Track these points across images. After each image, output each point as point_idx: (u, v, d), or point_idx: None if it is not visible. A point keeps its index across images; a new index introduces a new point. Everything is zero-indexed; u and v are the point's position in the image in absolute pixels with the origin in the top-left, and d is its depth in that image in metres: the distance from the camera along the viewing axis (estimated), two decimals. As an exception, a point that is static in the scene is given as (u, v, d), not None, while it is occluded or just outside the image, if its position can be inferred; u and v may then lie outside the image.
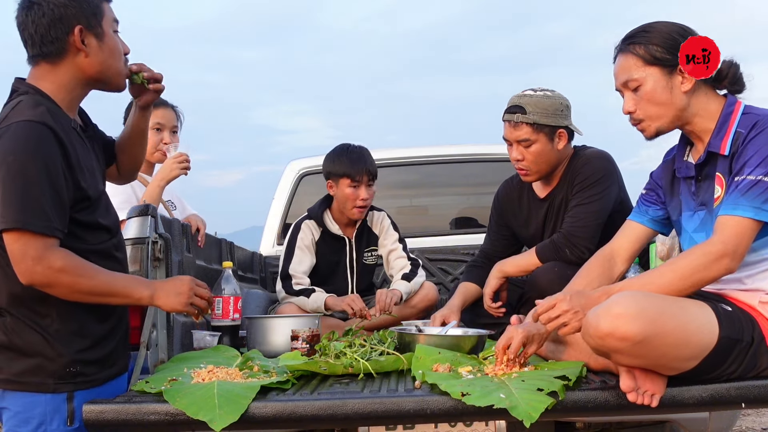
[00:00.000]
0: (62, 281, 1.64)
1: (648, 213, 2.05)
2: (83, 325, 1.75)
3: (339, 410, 1.68)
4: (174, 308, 1.82)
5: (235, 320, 2.53)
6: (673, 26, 1.85)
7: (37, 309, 1.70)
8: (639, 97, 1.84)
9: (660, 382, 1.66)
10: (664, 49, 1.80)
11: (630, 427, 2.18)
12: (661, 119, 1.84)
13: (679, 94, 1.81)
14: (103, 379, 1.79)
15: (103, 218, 1.83)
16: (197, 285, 1.85)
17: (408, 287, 3.01)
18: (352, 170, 3.01)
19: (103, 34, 1.77)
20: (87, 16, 1.74)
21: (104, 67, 1.78)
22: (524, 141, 2.55)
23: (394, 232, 3.22)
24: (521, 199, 2.78)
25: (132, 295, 1.75)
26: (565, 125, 2.57)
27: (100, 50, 1.77)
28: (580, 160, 2.59)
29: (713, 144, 1.81)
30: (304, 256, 3.08)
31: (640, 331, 1.55)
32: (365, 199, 3.04)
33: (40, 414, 1.68)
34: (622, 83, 1.87)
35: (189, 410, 1.64)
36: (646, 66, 1.82)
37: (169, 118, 2.92)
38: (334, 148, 3.14)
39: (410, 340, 2.20)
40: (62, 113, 1.75)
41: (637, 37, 1.85)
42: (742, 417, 4.59)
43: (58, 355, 1.70)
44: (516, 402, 1.60)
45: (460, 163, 4.18)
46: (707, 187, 1.84)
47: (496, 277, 2.60)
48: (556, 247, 2.50)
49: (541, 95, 2.57)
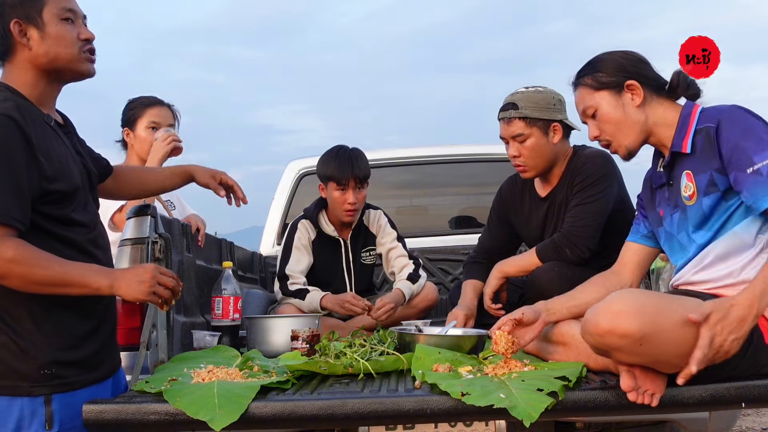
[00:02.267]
0: (14, 272, 1.58)
1: (639, 231, 2.12)
2: (59, 324, 1.70)
3: (339, 410, 1.67)
4: (136, 297, 1.72)
5: (235, 320, 2.53)
6: (616, 52, 2.00)
7: (6, 307, 1.65)
8: (598, 121, 1.97)
9: (660, 382, 1.67)
10: (608, 74, 1.95)
11: (630, 426, 2.18)
12: (627, 137, 1.95)
13: (632, 109, 1.93)
14: (85, 382, 1.74)
15: (79, 214, 1.77)
16: (161, 273, 1.76)
17: (412, 289, 3.01)
18: (339, 175, 3.01)
19: (43, 23, 1.73)
20: (24, 9, 1.72)
21: (51, 56, 1.74)
22: (518, 136, 2.57)
23: (392, 230, 3.21)
24: (523, 198, 2.79)
25: (89, 284, 1.66)
26: (559, 119, 2.59)
27: (42, 40, 1.73)
28: (580, 160, 2.60)
29: (675, 144, 1.89)
30: (302, 256, 3.08)
31: (639, 328, 1.55)
32: (353, 203, 3.03)
33: (16, 419, 1.63)
34: (582, 113, 2.02)
35: (189, 410, 1.64)
36: (596, 92, 1.97)
37: (164, 117, 2.92)
38: (327, 151, 3.13)
39: (410, 340, 2.20)
40: (34, 108, 1.72)
41: (585, 70, 2.02)
42: (742, 417, 4.59)
43: (31, 356, 1.65)
44: (516, 402, 1.60)
45: (460, 163, 4.19)
46: (676, 189, 1.91)
47: (496, 278, 2.61)
48: (557, 247, 2.50)
49: (532, 90, 2.61)
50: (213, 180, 2.22)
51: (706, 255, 1.85)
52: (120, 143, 2.93)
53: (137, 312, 2.07)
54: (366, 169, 3.07)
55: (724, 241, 1.82)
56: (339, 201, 3.04)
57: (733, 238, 1.81)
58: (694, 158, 1.86)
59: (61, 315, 1.71)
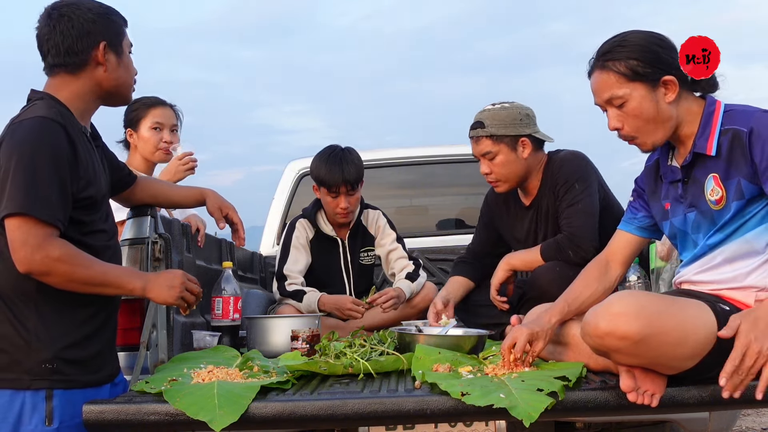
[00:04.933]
0: (59, 270, 1.67)
1: (635, 221, 2.04)
2: (64, 323, 1.75)
3: (339, 410, 1.67)
4: (165, 301, 1.84)
5: (235, 320, 2.53)
6: (649, 37, 1.83)
7: (16, 303, 1.71)
8: (625, 113, 1.82)
9: (660, 382, 1.66)
10: (645, 63, 1.78)
11: (630, 427, 2.18)
12: (656, 134, 1.83)
13: (665, 106, 1.80)
14: (85, 382, 1.78)
15: (102, 221, 1.87)
16: (188, 279, 1.88)
17: (411, 287, 3.01)
18: (329, 181, 2.99)
19: (122, 52, 1.90)
20: (111, 35, 1.87)
21: (119, 82, 1.90)
22: (487, 154, 2.62)
23: (391, 231, 3.20)
24: (508, 206, 2.83)
25: (125, 286, 1.78)
26: (526, 133, 2.61)
27: (118, 67, 1.89)
28: (555, 164, 2.64)
29: (699, 145, 1.80)
30: (300, 256, 3.07)
31: (639, 330, 1.55)
32: (345, 208, 3.02)
33: (17, 413, 1.68)
34: (605, 100, 1.85)
35: (189, 410, 1.64)
36: (629, 82, 1.79)
37: (167, 117, 2.92)
38: (319, 152, 3.10)
39: (410, 340, 2.20)
40: (74, 119, 1.82)
41: (614, 52, 1.82)
42: (742, 417, 4.59)
43: (34, 350, 1.70)
44: (516, 402, 1.60)
45: (460, 163, 4.18)
46: (695, 189, 1.84)
47: (503, 270, 2.62)
48: (560, 248, 2.51)
49: (498, 108, 2.65)
50: (219, 212, 2.33)
51: (715, 257, 1.81)
52: (122, 143, 2.93)
53: (137, 312, 2.07)
54: (357, 172, 3.02)
55: (735, 245, 1.78)
56: (332, 205, 3.04)
57: (744, 244, 1.77)
58: (720, 161, 1.77)
59: (67, 314, 1.76)
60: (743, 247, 1.77)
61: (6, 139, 1.71)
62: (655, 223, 2.01)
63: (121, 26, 1.92)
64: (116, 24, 1.90)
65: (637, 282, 2.34)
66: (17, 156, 1.67)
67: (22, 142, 1.68)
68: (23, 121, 1.71)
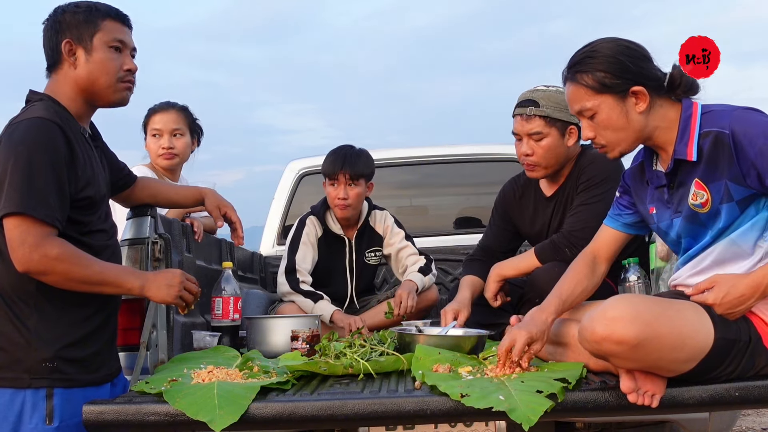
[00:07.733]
0: (57, 269, 1.68)
1: (621, 218, 2.04)
2: (64, 322, 1.76)
3: (339, 411, 1.68)
4: (164, 300, 1.85)
5: (235, 320, 2.53)
6: (616, 47, 1.82)
7: (16, 302, 1.72)
8: (596, 124, 1.84)
9: (660, 383, 1.66)
10: (613, 75, 1.79)
11: (630, 427, 2.18)
12: (622, 143, 1.84)
13: (635, 116, 1.80)
14: (85, 381, 1.79)
15: (101, 222, 1.88)
16: (187, 279, 1.89)
17: (423, 281, 3.01)
18: (329, 169, 3.04)
19: (92, 48, 1.84)
20: (78, 30, 1.84)
21: (92, 79, 1.85)
22: (536, 134, 2.53)
23: (399, 230, 3.21)
24: (528, 197, 2.76)
25: (123, 284, 1.79)
26: (576, 122, 2.56)
27: (87, 63, 1.84)
28: (586, 159, 2.59)
29: (679, 151, 1.80)
30: (308, 252, 3.08)
31: (636, 335, 1.55)
32: (342, 198, 3.02)
33: (18, 412, 1.69)
34: (577, 112, 1.87)
35: (189, 411, 1.64)
36: (597, 95, 1.81)
37: (166, 122, 2.95)
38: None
39: (410, 340, 2.20)
40: (72, 120, 1.83)
41: (582, 63, 1.83)
42: (742, 417, 4.59)
43: (35, 349, 1.71)
44: (515, 404, 1.60)
45: (460, 163, 4.18)
46: (681, 194, 1.83)
47: (494, 281, 2.57)
48: (556, 247, 2.48)
49: (553, 90, 2.56)
50: (217, 210, 2.32)
51: (704, 259, 1.81)
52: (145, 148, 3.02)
53: (137, 312, 2.07)
54: (361, 167, 3.04)
55: (721, 246, 1.77)
56: (331, 196, 3.06)
57: (730, 245, 1.75)
58: (702, 165, 1.76)
59: (68, 313, 1.77)
60: (730, 249, 1.76)
61: (4, 140, 1.72)
62: (642, 220, 2.00)
63: (92, 21, 1.84)
64: (86, 20, 1.84)
65: (637, 282, 2.32)
66: (15, 156, 1.68)
67: (20, 143, 1.69)
68: (21, 122, 1.72)
